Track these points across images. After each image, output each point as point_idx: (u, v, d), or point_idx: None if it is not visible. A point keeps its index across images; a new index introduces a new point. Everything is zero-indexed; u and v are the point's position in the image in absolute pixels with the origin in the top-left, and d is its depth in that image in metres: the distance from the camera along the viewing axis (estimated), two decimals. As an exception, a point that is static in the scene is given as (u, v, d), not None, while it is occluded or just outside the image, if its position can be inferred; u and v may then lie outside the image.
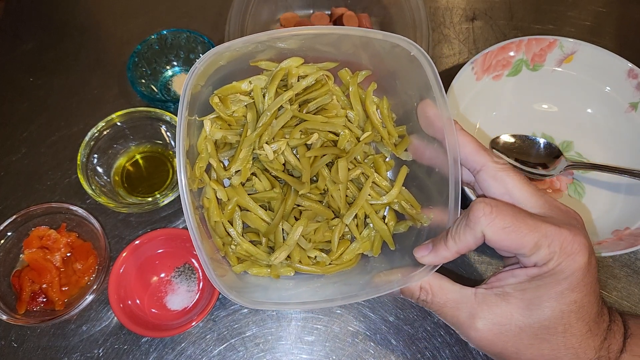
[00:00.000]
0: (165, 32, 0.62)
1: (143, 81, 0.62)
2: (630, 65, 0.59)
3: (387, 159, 0.47)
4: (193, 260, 0.55)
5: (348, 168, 0.43)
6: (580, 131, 0.63)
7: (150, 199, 0.58)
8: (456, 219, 0.37)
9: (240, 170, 0.42)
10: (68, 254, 0.53)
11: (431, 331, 0.53)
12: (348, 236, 0.45)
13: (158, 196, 0.57)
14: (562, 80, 0.63)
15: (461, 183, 0.38)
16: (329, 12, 0.68)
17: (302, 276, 0.44)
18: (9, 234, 0.53)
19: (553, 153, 0.60)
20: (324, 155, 0.43)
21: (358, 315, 0.54)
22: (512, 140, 0.61)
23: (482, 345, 0.37)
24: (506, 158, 0.59)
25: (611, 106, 0.61)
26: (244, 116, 0.44)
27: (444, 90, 0.40)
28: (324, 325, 0.54)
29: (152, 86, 0.63)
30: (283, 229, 0.42)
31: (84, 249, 0.54)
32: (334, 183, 0.43)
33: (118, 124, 0.57)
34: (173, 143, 0.60)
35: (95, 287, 0.51)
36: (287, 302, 0.40)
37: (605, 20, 0.72)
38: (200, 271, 0.55)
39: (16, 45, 0.68)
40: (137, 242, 0.52)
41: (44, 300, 0.51)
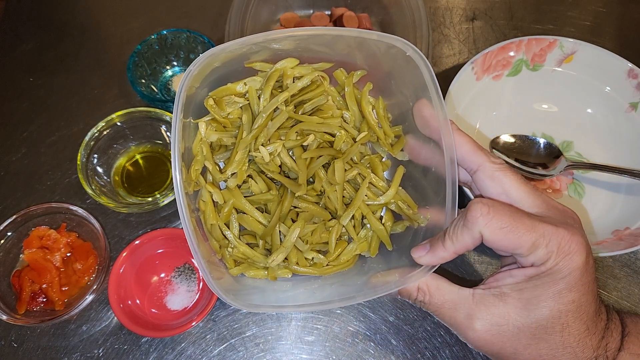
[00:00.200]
0: (165, 32, 0.62)
1: (143, 81, 0.62)
2: (630, 65, 0.59)
3: (384, 159, 0.47)
4: (193, 260, 0.55)
5: (344, 169, 0.43)
6: (580, 131, 0.63)
7: (150, 199, 0.58)
8: (453, 219, 0.37)
9: (236, 172, 0.42)
10: (68, 254, 0.53)
11: (431, 331, 0.53)
12: (345, 237, 0.45)
13: (158, 196, 0.57)
14: (562, 80, 0.63)
15: (458, 183, 0.38)
16: (329, 12, 0.68)
17: (300, 278, 0.43)
18: (9, 234, 0.53)
19: (553, 153, 0.60)
20: (320, 156, 0.43)
21: (358, 315, 0.54)
22: (512, 140, 0.61)
23: (480, 345, 0.37)
24: (506, 158, 0.59)
25: (611, 106, 0.61)
26: (239, 118, 0.43)
27: (441, 90, 0.40)
28: (324, 325, 0.54)
29: (152, 86, 0.63)
30: (280, 231, 0.42)
31: (84, 249, 0.54)
32: (331, 184, 0.43)
33: (118, 124, 0.57)
34: (173, 143, 0.60)
35: (95, 287, 0.51)
36: (285, 305, 0.39)
37: (605, 20, 0.72)
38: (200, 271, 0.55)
39: (16, 45, 0.68)
40: (137, 242, 0.52)
41: (44, 300, 0.51)
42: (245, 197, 0.42)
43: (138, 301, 0.53)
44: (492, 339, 0.36)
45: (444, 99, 0.56)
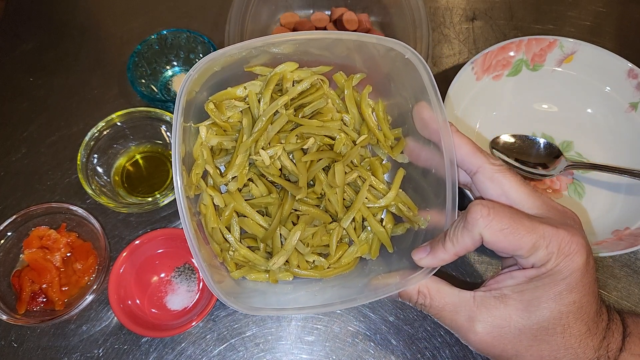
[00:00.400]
0: (165, 32, 0.62)
1: (143, 81, 0.62)
2: (630, 65, 0.59)
3: (384, 162, 0.47)
4: (193, 260, 0.55)
5: (345, 171, 0.43)
6: (580, 131, 0.63)
7: (150, 199, 0.58)
8: (454, 221, 0.37)
9: (236, 176, 0.42)
10: (68, 254, 0.53)
11: (431, 331, 0.53)
12: (346, 239, 0.45)
13: (158, 196, 0.57)
14: (562, 80, 0.63)
15: (458, 185, 0.38)
16: (329, 12, 0.68)
17: (301, 280, 0.43)
18: (9, 234, 0.53)
19: (553, 153, 0.60)
20: (320, 159, 0.43)
21: (358, 315, 0.54)
22: (512, 140, 0.61)
23: (482, 348, 0.37)
24: (506, 158, 0.60)
25: (611, 106, 0.61)
26: (240, 122, 0.43)
27: (440, 92, 0.40)
28: (324, 325, 0.54)
29: (152, 86, 0.63)
30: (281, 234, 0.42)
31: (84, 249, 0.54)
32: (331, 187, 0.43)
33: (118, 124, 0.57)
34: (173, 143, 0.60)
35: (95, 287, 0.51)
36: (286, 308, 0.39)
37: (605, 20, 0.72)
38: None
39: (16, 45, 0.68)
40: (137, 242, 0.52)
41: (44, 300, 0.51)
42: (246, 201, 0.43)
43: (138, 301, 0.53)
44: (494, 341, 0.36)
45: (443, 101, 0.56)
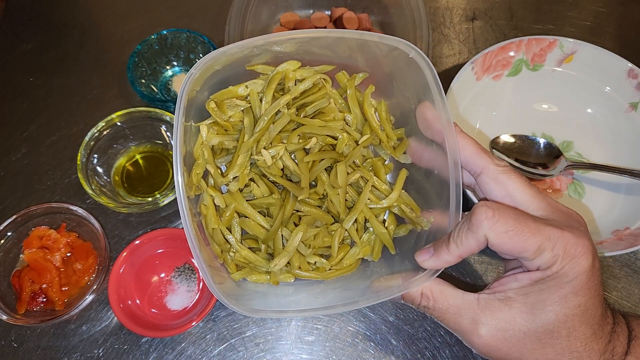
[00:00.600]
0: (165, 32, 0.62)
1: (143, 81, 0.62)
2: (630, 65, 0.59)
3: (386, 162, 0.46)
4: (193, 260, 0.55)
5: (347, 172, 0.42)
6: (580, 131, 0.63)
7: (150, 199, 0.58)
8: (458, 223, 0.37)
9: (238, 176, 0.42)
10: (68, 254, 0.53)
11: (431, 331, 0.53)
12: (348, 241, 0.45)
13: (158, 196, 0.57)
14: (562, 80, 0.63)
15: (462, 186, 0.38)
16: (329, 12, 0.68)
17: (302, 282, 0.43)
18: (9, 234, 0.53)
19: (553, 153, 0.60)
20: (323, 159, 0.42)
21: (358, 315, 0.54)
22: (512, 140, 0.61)
23: (486, 351, 0.36)
24: (506, 158, 0.59)
25: (611, 106, 0.61)
26: (241, 121, 0.43)
27: (444, 91, 0.39)
28: (324, 325, 0.54)
29: (152, 86, 0.63)
30: (282, 235, 0.42)
31: (84, 249, 0.54)
32: (333, 187, 0.42)
33: (118, 124, 0.57)
34: (173, 143, 0.60)
35: (95, 287, 0.51)
36: (287, 310, 0.39)
37: (605, 20, 0.72)
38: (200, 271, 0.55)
39: (16, 45, 0.68)
40: (137, 242, 0.52)
41: (44, 300, 0.51)
42: (247, 201, 0.42)
43: (138, 301, 0.53)
44: (498, 344, 0.35)
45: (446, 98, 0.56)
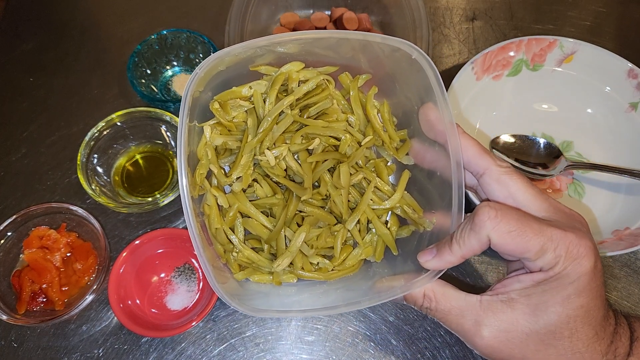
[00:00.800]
0: (165, 32, 0.62)
1: (143, 81, 0.62)
2: (630, 65, 0.59)
3: (389, 163, 0.46)
4: (193, 260, 0.55)
5: (350, 173, 0.42)
6: (580, 131, 0.63)
7: (150, 199, 0.58)
8: (460, 223, 0.37)
9: (241, 176, 0.42)
10: (68, 254, 0.53)
11: (431, 331, 0.53)
12: (350, 242, 0.45)
13: (158, 196, 0.57)
14: (562, 80, 0.63)
15: (464, 187, 0.38)
16: (329, 12, 0.68)
17: (305, 282, 0.43)
18: (9, 234, 0.53)
19: (553, 153, 0.60)
20: (326, 160, 0.42)
21: (358, 315, 0.54)
22: (512, 140, 0.61)
23: (488, 353, 0.36)
24: (506, 158, 0.59)
25: (611, 106, 0.61)
26: (244, 122, 0.43)
27: (446, 92, 0.39)
28: (324, 325, 0.54)
29: (152, 86, 0.63)
30: (285, 236, 0.42)
31: (84, 249, 0.54)
32: (336, 188, 0.42)
33: (118, 124, 0.57)
34: (173, 143, 0.60)
35: (95, 287, 0.51)
36: (289, 310, 0.39)
37: (605, 20, 0.72)
38: (200, 271, 0.55)
39: (16, 45, 0.67)
40: (137, 242, 0.52)
41: (44, 300, 0.51)
42: (250, 201, 0.42)
43: (138, 301, 0.53)
44: (500, 346, 0.35)
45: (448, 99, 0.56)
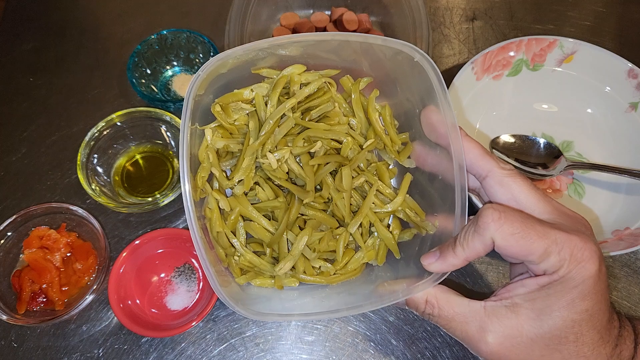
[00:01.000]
0: (165, 32, 0.62)
1: (143, 81, 0.62)
2: (630, 65, 0.59)
3: (391, 167, 0.46)
4: (193, 260, 0.55)
5: (352, 176, 0.42)
6: (580, 131, 0.63)
7: (150, 199, 0.58)
8: (463, 226, 0.37)
9: (243, 179, 0.42)
10: (68, 254, 0.53)
11: (431, 331, 0.53)
12: (352, 245, 0.45)
13: (158, 196, 0.57)
14: (562, 80, 0.63)
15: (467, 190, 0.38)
16: (329, 12, 0.68)
17: (307, 286, 0.43)
18: (9, 234, 0.53)
19: (553, 153, 0.60)
20: (328, 163, 0.42)
21: (358, 315, 0.54)
22: (512, 140, 0.61)
23: (493, 359, 0.36)
24: (506, 158, 0.59)
25: (611, 106, 0.61)
26: (246, 124, 0.43)
27: (449, 95, 0.39)
28: (324, 325, 0.54)
29: (152, 86, 0.63)
30: (287, 239, 0.42)
31: (84, 249, 0.54)
32: (338, 191, 0.42)
33: (118, 124, 0.57)
34: (173, 143, 0.60)
35: (95, 287, 0.51)
36: (291, 314, 0.39)
37: (605, 20, 0.72)
38: (200, 271, 0.55)
39: (16, 45, 0.68)
40: (137, 242, 0.52)
41: (44, 300, 0.51)
42: (252, 205, 0.42)
43: (138, 301, 0.53)
44: (506, 352, 0.35)
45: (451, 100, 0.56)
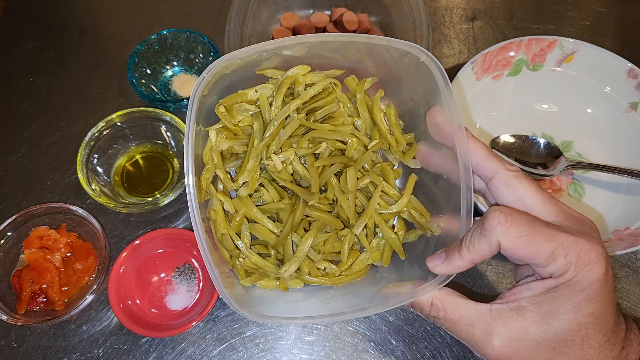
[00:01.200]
0: (165, 32, 0.62)
1: (143, 81, 0.62)
2: (630, 65, 0.59)
3: (395, 167, 0.46)
4: (193, 260, 0.55)
5: (357, 177, 0.42)
6: (580, 131, 0.63)
7: (150, 199, 0.58)
8: (469, 228, 0.36)
9: (247, 181, 0.42)
10: (68, 254, 0.53)
11: (431, 331, 0.53)
12: (357, 246, 0.45)
13: (158, 196, 0.57)
14: (562, 80, 0.63)
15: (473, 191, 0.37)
16: (329, 12, 0.68)
17: (311, 288, 0.43)
18: (9, 234, 0.53)
19: (553, 153, 0.60)
20: (333, 164, 0.42)
21: (358, 315, 0.54)
22: (512, 140, 0.61)
23: None
24: (506, 158, 0.59)
25: (611, 106, 0.61)
26: (250, 126, 0.43)
27: (454, 95, 0.39)
28: (324, 325, 0.54)
29: (152, 86, 0.63)
30: (292, 241, 0.42)
31: (84, 249, 0.54)
32: (343, 192, 0.42)
33: (118, 124, 0.57)
34: (173, 143, 0.60)
35: (95, 287, 0.51)
36: (297, 316, 0.39)
37: (605, 20, 0.72)
38: (200, 271, 0.55)
39: (16, 45, 0.68)
40: (137, 242, 0.52)
41: (44, 300, 0.51)
42: (256, 206, 0.42)
43: (138, 301, 0.53)
44: (512, 355, 0.35)
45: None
